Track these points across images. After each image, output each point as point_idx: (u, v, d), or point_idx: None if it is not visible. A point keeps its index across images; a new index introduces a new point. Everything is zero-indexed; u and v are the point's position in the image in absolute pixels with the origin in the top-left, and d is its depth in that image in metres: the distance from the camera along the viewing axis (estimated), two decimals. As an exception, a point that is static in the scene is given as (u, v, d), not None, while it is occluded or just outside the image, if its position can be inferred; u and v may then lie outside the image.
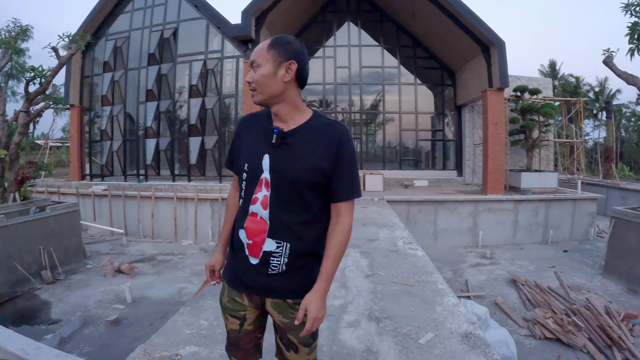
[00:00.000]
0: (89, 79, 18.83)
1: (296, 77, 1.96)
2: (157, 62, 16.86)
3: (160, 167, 16.93)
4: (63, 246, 10.94)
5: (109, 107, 17.93)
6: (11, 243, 9.64)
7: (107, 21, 18.50)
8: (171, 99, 16.81)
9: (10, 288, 9.48)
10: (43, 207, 10.95)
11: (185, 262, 11.79)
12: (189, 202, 14.48)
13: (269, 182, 1.97)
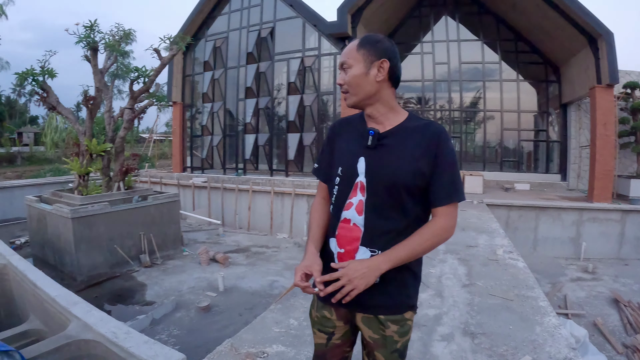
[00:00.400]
0: (190, 77, 19.83)
1: (389, 76, 1.86)
2: (256, 60, 17.35)
3: (258, 162, 17.43)
4: (162, 233, 11.59)
5: (209, 104, 18.76)
6: (114, 228, 10.47)
7: (206, 23, 19.29)
8: (270, 96, 17.24)
9: (109, 269, 10.30)
10: (145, 196, 11.68)
11: (279, 256, 11.94)
12: (286, 196, 14.71)
13: (364, 185, 1.85)
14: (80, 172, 11.23)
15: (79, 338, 3.57)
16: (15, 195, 17.87)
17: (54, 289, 4.63)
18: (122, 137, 11.88)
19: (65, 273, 10.27)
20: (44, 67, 11.33)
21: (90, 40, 11.39)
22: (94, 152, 11.31)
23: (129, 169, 12.01)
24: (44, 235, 11.10)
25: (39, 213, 11.25)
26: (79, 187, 11.23)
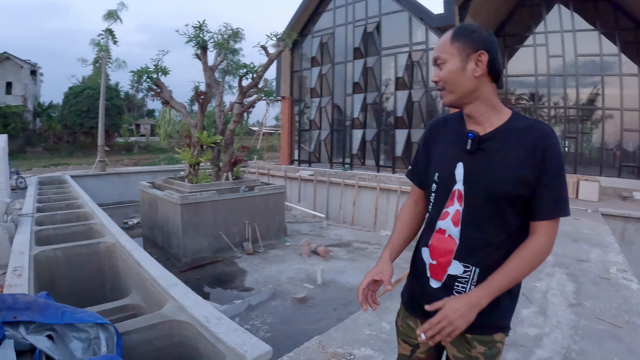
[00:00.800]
0: (298, 73, 20.28)
1: (488, 70, 1.65)
2: (363, 55, 17.36)
3: (365, 157, 17.45)
4: (266, 223, 12.01)
5: (317, 99, 19.10)
6: (220, 215, 11.08)
7: (312, 19, 19.56)
8: (377, 91, 17.18)
9: (213, 253, 10.91)
10: (252, 187, 12.17)
11: (380, 253, 11.74)
12: (392, 193, 14.44)
13: (462, 194, 1.70)
14: (191, 162, 11.96)
15: (172, 318, 3.77)
16: (130, 180, 19.40)
17: (155, 270, 5.01)
18: (231, 130, 12.44)
19: (171, 254, 11.07)
20: (157, 65, 12.26)
21: (200, 40, 12.13)
22: (205, 143, 11.99)
23: (238, 160, 12.52)
24: (154, 218, 12.07)
25: (151, 198, 12.22)
26: (189, 176, 11.94)
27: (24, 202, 11.66)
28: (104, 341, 3.04)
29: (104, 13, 23.12)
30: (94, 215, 8.87)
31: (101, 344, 3.03)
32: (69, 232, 7.84)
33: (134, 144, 44.30)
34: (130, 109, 59.73)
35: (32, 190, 13.60)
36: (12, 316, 2.85)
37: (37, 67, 49.68)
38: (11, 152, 33.25)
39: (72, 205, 10.74)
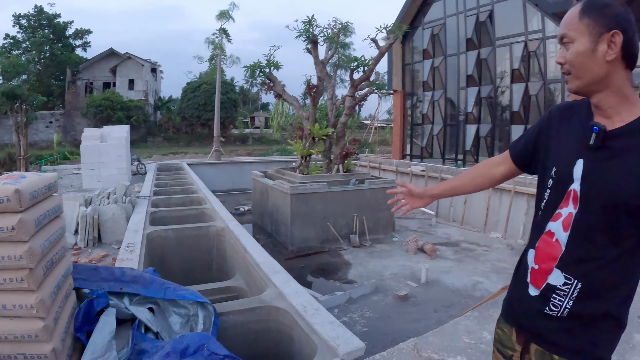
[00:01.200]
0: (409, 66, 19.84)
1: (622, 54, 1.36)
2: (476, 46, 16.58)
3: (479, 154, 16.67)
4: (375, 217, 11.89)
5: (430, 92, 18.58)
6: (329, 207, 11.17)
7: (422, 10, 19.00)
8: (492, 84, 16.28)
9: (319, 244, 11.02)
10: (362, 180, 12.11)
11: (489, 256, 11.13)
12: (505, 193, 13.58)
13: (577, 195, 1.46)
14: (302, 153, 12.22)
15: (270, 304, 3.80)
16: (244, 169, 20.21)
17: (260, 256, 5.12)
18: (343, 123, 12.48)
19: (279, 242, 11.39)
20: (269, 60, 12.61)
21: (310, 34, 12.26)
22: (317, 135, 12.14)
23: (349, 152, 12.55)
24: (264, 206, 12.51)
25: (262, 186, 12.65)
26: (300, 167, 12.23)
27: (142, 186, 12.53)
28: (202, 319, 3.16)
29: (216, 13, 24.40)
30: (206, 200, 9.31)
31: (199, 321, 3.15)
32: (181, 215, 8.35)
33: (248, 135, 46.14)
34: (245, 102, 62.78)
35: (150, 176, 14.58)
36: (119, 287, 3.04)
37: (157, 65, 54.07)
38: (133, 141, 35.85)
39: (186, 190, 11.39)
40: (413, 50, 19.89)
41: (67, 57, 45.72)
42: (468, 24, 16.92)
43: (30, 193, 2.31)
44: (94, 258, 6.58)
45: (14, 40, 45.81)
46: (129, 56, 43.90)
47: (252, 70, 12.55)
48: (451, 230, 13.68)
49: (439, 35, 18.28)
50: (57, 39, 47.25)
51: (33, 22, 45.89)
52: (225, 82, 40.47)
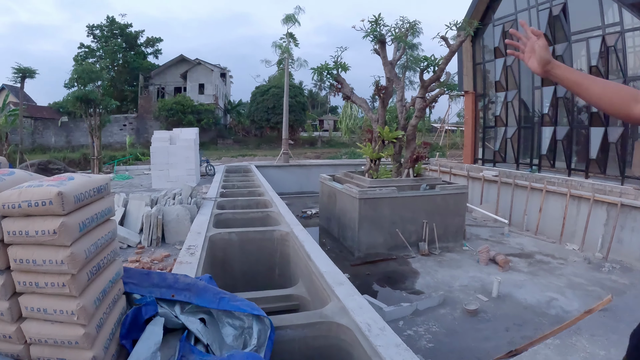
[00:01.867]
0: (481, 65, 19.06)
1: None
2: (550, 42, 15.43)
3: (555, 159, 15.66)
4: (445, 223, 11.46)
5: (502, 93, 17.75)
6: (398, 212, 10.85)
7: (492, 6, 18.20)
8: (570, 83, 15.34)
9: (387, 250, 10.73)
10: (433, 185, 11.70)
11: (564, 270, 10.39)
12: (583, 201, 12.73)
13: None
14: (372, 156, 11.96)
15: (332, 320, 3.57)
16: (312, 172, 20.28)
17: (324, 265, 4.91)
18: (413, 126, 12.15)
19: (345, 247, 11.19)
20: (336, 61, 12.42)
21: (377, 34, 11.95)
22: (386, 138, 11.88)
23: (419, 156, 12.21)
24: (331, 210, 12.33)
25: (330, 190, 12.47)
26: (369, 171, 11.97)
27: (210, 187, 12.68)
28: (256, 333, 3.02)
29: (282, 17, 24.65)
30: (272, 203, 9.23)
31: (253, 335, 3.01)
32: (246, 218, 8.31)
33: (317, 138, 46.67)
34: (313, 105, 63.93)
35: (218, 177, 14.80)
36: (170, 294, 2.95)
37: (227, 70, 56.09)
38: (203, 144, 37.50)
39: (253, 192, 11.42)
40: (484, 48, 19.08)
41: (139, 64, 48.39)
42: (541, 18, 15.95)
43: (75, 196, 2.23)
44: (156, 258, 6.67)
45: (89, 49, 49.05)
46: (198, 62, 45.56)
47: (320, 72, 12.42)
48: (524, 240, 12.93)
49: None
50: (130, 47, 49.92)
51: (106, 32, 48.89)
52: (293, 85, 41.27)
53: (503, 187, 15.40)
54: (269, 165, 21.94)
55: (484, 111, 19.20)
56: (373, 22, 11.87)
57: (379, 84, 12.34)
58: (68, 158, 28.08)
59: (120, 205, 8.71)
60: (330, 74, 12.37)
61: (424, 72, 11.96)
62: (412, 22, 12.54)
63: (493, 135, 18.61)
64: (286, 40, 24.65)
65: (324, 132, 52.98)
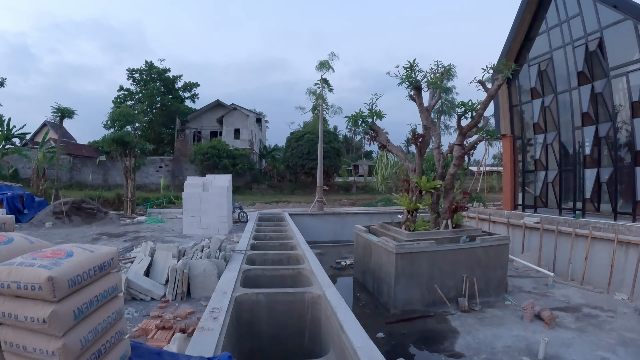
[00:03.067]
0: (517, 107, 18.68)
1: None
2: (589, 80, 15.15)
3: (600, 202, 15.03)
4: (486, 277, 10.92)
5: (541, 135, 17.27)
6: (436, 266, 10.36)
7: (525, 46, 17.98)
8: (611, 121, 14.65)
9: (424, 307, 10.18)
10: (473, 237, 11.19)
11: (614, 323, 9.66)
12: (632, 247, 11.96)
13: None
14: (409, 207, 11.55)
15: None
16: (347, 221, 20.05)
17: (359, 339, 4.58)
18: (452, 175, 11.75)
19: (380, 302, 10.70)
20: (371, 109, 12.18)
21: (412, 80, 11.72)
22: (424, 189, 11.49)
23: (459, 207, 11.70)
24: (367, 263, 11.86)
25: (366, 242, 12.05)
26: (406, 222, 11.51)
27: (241, 236, 12.46)
28: None
29: (316, 64, 24.95)
30: (304, 258, 8.96)
31: None
32: (276, 275, 8.03)
33: (352, 183, 46.82)
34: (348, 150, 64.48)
35: (251, 226, 14.63)
36: None
37: (262, 115, 57.42)
38: (238, 188, 37.91)
39: (285, 245, 11.14)
40: (520, 89, 18.75)
41: (176, 108, 49.77)
42: (577, 55, 15.62)
43: (70, 279, 2.04)
44: (179, 314, 6.43)
45: (128, 92, 50.71)
46: (234, 107, 46.44)
47: (355, 121, 12.23)
48: (570, 291, 12.17)
49: (547, 71, 17.11)
50: (167, 91, 51.43)
51: (145, 76, 50.24)
52: (328, 131, 41.63)
53: (545, 234, 14.70)
54: (303, 212, 21.77)
55: (522, 154, 18.65)
56: (408, 69, 11.66)
57: (415, 132, 12.05)
58: (103, 197, 28.55)
59: (147, 254, 8.61)
60: (365, 122, 12.15)
61: (461, 118, 11.62)
62: (447, 67, 12.36)
63: (533, 180, 18.01)
64: (320, 86, 24.82)
65: (359, 177, 53.08)
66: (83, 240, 14.23)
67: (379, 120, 12.27)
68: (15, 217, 18.63)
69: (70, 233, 15.95)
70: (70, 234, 15.62)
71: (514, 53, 18.08)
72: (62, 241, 14.07)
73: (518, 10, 17.97)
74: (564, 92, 16.40)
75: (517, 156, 18.76)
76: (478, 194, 13.06)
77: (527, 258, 14.56)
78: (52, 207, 18.88)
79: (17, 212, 19.11)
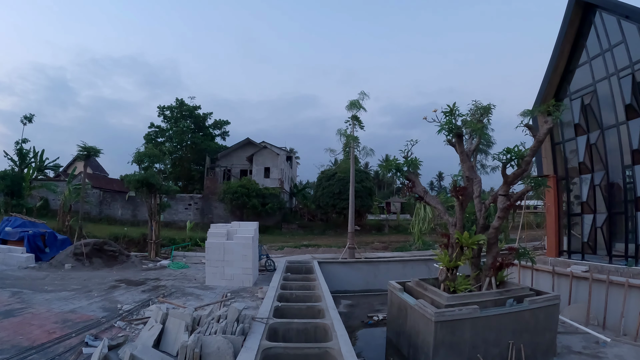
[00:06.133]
0: (560, 145, 17.62)
1: None
2: (638, 113, 13.88)
3: (656, 248, 13.73)
4: (534, 342, 9.80)
5: (588, 175, 16.06)
6: (479, 334, 9.24)
7: (566, 78, 17.01)
8: (666, 158, 13.43)
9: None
10: (520, 298, 10.11)
11: None
12: None
13: None
14: (449, 265, 10.55)
15: None
16: (379, 269, 19.26)
17: None
18: (495, 228, 10.83)
19: (417, 371, 9.53)
20: (407, 157, 11.37)
21: (453, 127, 10.91)
22: (466, 245, 10.52)
23: (504, 264, 10.70)
24: (401, 325, 10.78)
25: (401, 302, 10.97)
26: (445, 281, 10.51)
27: (266, 292, 11.80)
28: None
29: (346, 104, 24.77)
30: (333, 331, 7.99)
31: None
32: (300, 354, 7.10)
33: (384, 223, 46.27)
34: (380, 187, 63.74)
35: (277, 280, 13.90)
36: None
37: (293, 153, 57.32)
38: (268, 228, 37.38)
39: (312, 309, 10.32)
40: (562, 126, 17.59)
41: (206, 145, 50.05)
42: (624, 86, 14.35)
43: None
44: None
45: (159, 129, 50.99)
46: (264, 145, 46.64)
47: (388, 169, 11.43)
48: (624, 350, 10.87)
49: (591, 105, 15.93)
50: (198, 129, 51.85)
51: (176, 113, 50.70)
52: (359, 170, 41.55)
53: (595, 284, 13.50)
54: (334, 260, 21.07)
55: (567, 196, 17.44)
56: (448, 114, 10.86)
57: (457, 185, 11.16)
58: (128, 237, 28.38)
59: (158, 321, 7.96)
60: (399, 171, 11.32)
61: (506, 166, 10.65)
62: (486, 106, 11.50)
63: (579, 223, 16.71)
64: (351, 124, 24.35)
65: (391, 215, 52.98)
66: (101, 287, 13.86)
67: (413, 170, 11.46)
68: (36, 255, 18.85)
69: (89, 278, 15.59)
70: (88, 279, 15.29)
71: (553, 87, 17.11)
72: (79, 287, 13.73)
73: (557, 40, 17.05)
74: (612, 128, 15.18)
75: (561, 198, 17.58)
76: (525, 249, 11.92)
77: (574, 311, 13.35)
78: (73, 248, 18.81)
79: (38, 250, 19.22)
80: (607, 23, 15.29)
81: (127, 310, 10.92)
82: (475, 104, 11.61)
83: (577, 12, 16.40)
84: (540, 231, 27.85)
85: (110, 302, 11.88)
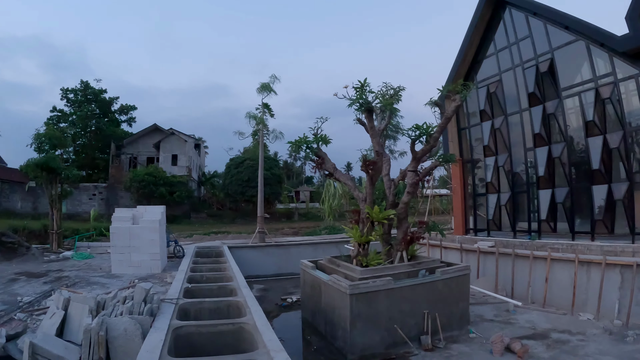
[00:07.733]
0: (466, 130, 18.33)
1: None
2: (540, 101, 14.92)
3: (556, 222, 14.59)
4: (448, 311, 10.05)
5: (492, 158, 16.81)
6: (395, 305, 9.29)
7: (473, 68, 17.76)
8: (564, 142, 14.35)
9: (385, 349, 9.07)
10: (432, 269, 10.32)
11: (587, 348, 8.94)
12: (593, 266, 11.61)
13: None
14: (360, 240, 10.50)
15: None
16: (290, 252, 19.14)
17: None
18: (405, 203, 10.95)
19: (335, 347, 9.49)
20: (316, 134, 11.20)
21: (364, 102, 10.87)
22: (376, 219, 10.50)
23: (414, 237, 10.83)
24: (316, 303, 10.64)
25: (314, 280, 10.84)
26: (358, 256, 10.48)
27: (175, 276, 11.21)
28: None
29: (257, 87, 24.32)
30: (246, 308, 7.67)
31: None
32: (214, 332, 6.64)
33: (293, 210, 46.45)
34: (289, 176, 64.03)
35: (186, 263, 13.34)
36: None
37: (202, 141, 55.74)
38: (176, 218, 36.27)
39: (224, 289, 9.93)
40: (468, 112, 18.35)
41: (112, 131, 47.50)
42: (528, 77, 15.36)
43: None
44: None
45: (62, 113, 47.77)
46: (172, 132, 44.99)
47: (298, 146, 11.18)
48: (533, 315, 11.53)
49: (497, 93, 16.81)
50: (103, 114, 49.04)
51: (80, 96, 47.70)
52: (268, 157, 40.98)
53: (501, 258, 14.17)
54: (244, 245, 20.72)
55: (472, 177, 18.14)
56: (358, 89, 10.76)
57: (366, 159, 11.04)
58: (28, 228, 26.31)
59: (60, 307, 7.27)
60: (309, 148, 11.13)
61: (415, 143, 10.78)
62: (396, 88, 11.49)
63: (484, 203, 17.48)
64: (261, 111, 23.98)
65: (300, 203, 52.90)
66: (0, 281, 12.70)
67: (324, 146, 11.30)
68: None
69: (-15, 272, 14.14)
70: (-16, 273, 13.84)
71: (461, 75, 17.64)
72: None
73: (466, 32, 17.73)
74: (515, 114, 16.11)
75: (467, 179, 18.27)
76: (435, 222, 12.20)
77: (483, 284, 13.84)
78: (-31, 240, 17.06)
79: None
80: (516, 19, 16.18)
81: (28, 302, 10.09)
82: (385, 85, 11.57)
83: (488, 7, 17.13)
84: (447, 216, 28.90)
85: (10, 295, 10.98)
